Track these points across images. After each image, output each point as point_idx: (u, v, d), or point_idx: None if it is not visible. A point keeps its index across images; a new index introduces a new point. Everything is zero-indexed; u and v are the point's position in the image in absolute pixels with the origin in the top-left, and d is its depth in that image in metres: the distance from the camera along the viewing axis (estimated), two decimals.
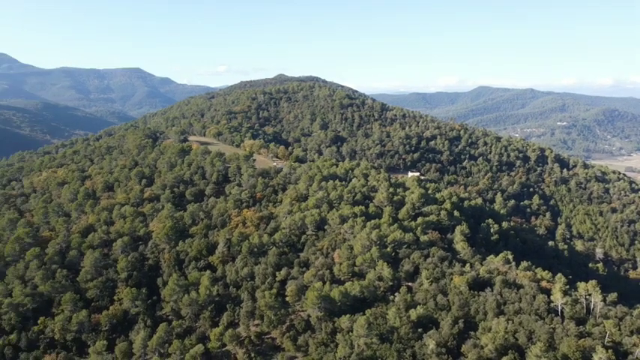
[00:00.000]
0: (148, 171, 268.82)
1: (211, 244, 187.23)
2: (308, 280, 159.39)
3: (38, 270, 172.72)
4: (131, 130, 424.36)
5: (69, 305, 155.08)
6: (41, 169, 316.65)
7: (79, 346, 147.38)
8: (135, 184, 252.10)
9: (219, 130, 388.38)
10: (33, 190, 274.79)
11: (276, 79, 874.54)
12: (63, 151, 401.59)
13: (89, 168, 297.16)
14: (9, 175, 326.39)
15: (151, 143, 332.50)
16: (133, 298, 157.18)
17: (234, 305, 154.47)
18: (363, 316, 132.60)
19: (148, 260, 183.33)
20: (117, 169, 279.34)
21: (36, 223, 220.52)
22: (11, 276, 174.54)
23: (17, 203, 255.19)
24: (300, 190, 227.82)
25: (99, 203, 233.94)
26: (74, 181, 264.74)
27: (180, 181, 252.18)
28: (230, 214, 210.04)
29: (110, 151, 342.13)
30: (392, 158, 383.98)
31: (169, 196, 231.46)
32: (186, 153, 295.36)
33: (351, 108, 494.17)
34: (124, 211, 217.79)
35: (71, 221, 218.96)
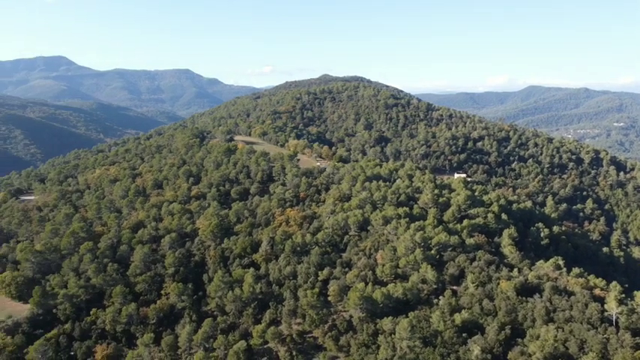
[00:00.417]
0: (195, 169, 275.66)
1: (255, 242, 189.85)
2: (350, 280, 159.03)
3: (91, 263, 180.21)
4: (180, 130, 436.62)
5: (119, 298, 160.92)
6: (95, 167, 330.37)
7: (128, 338, 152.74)
8: (183, 182, 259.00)
9: (264, 130, 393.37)
10: (87, 186, 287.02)
11: (321, 79, 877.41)
12: (115, 149, 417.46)
13: (140, 166, 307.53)
14: (65, 172, 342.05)
15: (198, 142, 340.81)
16: (179, 293, 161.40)
17: (277, 303, 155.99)
18: (406, 319, 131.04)
19: (194, 256, 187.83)
20: (166, 167, 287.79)
21: (89, 218, 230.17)
22: (66, 268, 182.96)
23: (73, 199, 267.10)
24: (343, 190, 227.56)
25: (148, 200, 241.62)
26: (125, 179, 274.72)
27: (226, 179, 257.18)
28: (274, 213, 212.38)
29: (160, 149, 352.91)
30: (437, 159, 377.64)
31: (215, 194, 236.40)
32: (232, 152, 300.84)
33: (395, 108, 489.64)
34: (172, 208, 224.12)
35: (122, 217, 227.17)
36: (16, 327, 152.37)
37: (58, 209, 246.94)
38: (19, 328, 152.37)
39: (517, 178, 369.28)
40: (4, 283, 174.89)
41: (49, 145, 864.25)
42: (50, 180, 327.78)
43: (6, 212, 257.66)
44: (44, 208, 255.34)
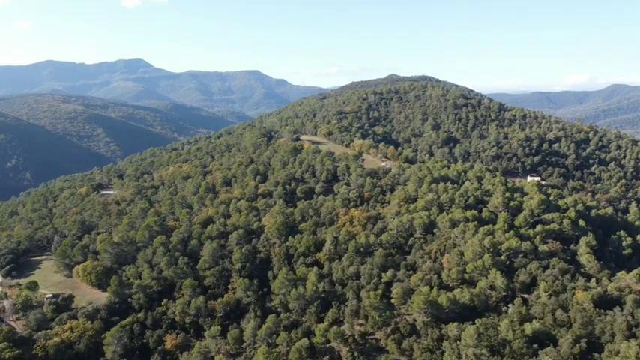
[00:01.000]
0: (262, 168, 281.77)
1: (319, 241, 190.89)
2: (414, 283, 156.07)
3: (163, 256, 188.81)
4: (248, 129, 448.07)
5: (189, 290, 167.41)
6: (169, 164, 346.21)
7: (196, 329, 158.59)
8: (250, 180, 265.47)
9: (330, 130, 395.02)
10: (161, 182, 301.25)
11: (388, 79, 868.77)
12: (188, 148, 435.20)
13: (210, 164, 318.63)
14: (142, 169, 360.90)
15: (265, 142, 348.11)
16: (245, 288, 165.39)
17: (340, 303, 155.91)
18: (473, 326, 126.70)
19: (260, 253, 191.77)
20: (234, 165, 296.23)
21: (163, 213, 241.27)
22: (141, 260, 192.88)
23: (148, 194, 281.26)
24: (409, 192, 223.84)
25: (218, 197, 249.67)
26: (197, 176, 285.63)
27: (292, 178, 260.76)
28: (338, 213, 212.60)
29: (229, 148, 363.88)
30: (509, 161, 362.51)
31: (281, 192, 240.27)
32: (298, 152, 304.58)
33: (465, 108, 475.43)
34: (239, 205, 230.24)
35: (193, 213, 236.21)
36: (95, 313, 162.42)
37: (135, 204, 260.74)
38: (98, 314, 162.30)
39: (597, 183, 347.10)
40: (86, 272, 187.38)
41: (128, 143, 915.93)
42: (128, 176, 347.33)
43: (88, 205, 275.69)
44: (122, 203, 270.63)
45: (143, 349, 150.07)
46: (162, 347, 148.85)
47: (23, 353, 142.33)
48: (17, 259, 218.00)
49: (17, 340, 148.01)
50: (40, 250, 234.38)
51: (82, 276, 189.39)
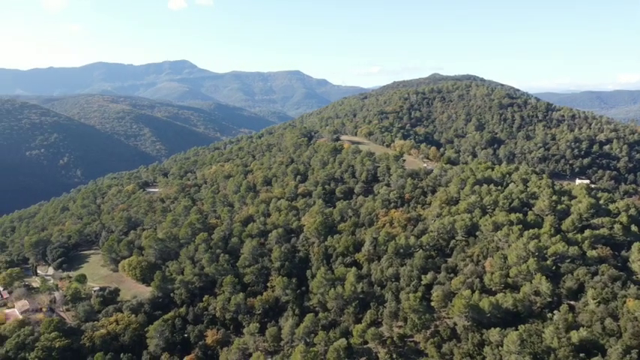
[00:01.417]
0: (302, 168, 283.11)
1: (358, 242, 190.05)
2: (455, 286, 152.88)
3: (205, 253, 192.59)
4: (289, 129, 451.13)
5: (229, 287, 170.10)
6: (211, 163, 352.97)
7: (235, 325, 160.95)
8: (290, 179, 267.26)
9: (370, 130, 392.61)
10: (204, 181, 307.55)
11: (430, 78, 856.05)
12: (230, 147, 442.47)
13: (251, 163, 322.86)
14: (185, 168, 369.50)
15: (306, 142, 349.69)
16: (284, 287, 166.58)
17: (378, 304, 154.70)
18: (516, 332, 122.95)
19: (299, 252, 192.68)
20: (275, 165, 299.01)
21: (205, 211, 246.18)
22: (183, 256, 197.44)
23: (191, 192, 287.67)
24: (451, 193, 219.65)
25: (258, 196, 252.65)
26: (238, 175, 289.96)
27: (332, 178, 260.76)
28: (377, 214, 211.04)
29: (270, 148, 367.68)
30: (557, 163, 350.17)
31: (321, 192, 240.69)
32: (338, 152, 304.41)
33: (511, 108, 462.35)
34: (279, 204, 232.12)
35: (234, 211, 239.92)
36: (139, 307, 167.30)
37: (178, 201, 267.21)
38: (142, 308, 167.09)
39: None
40: (131, 267, 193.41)
41: (173, 142, 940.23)
42: (172, 174, 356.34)
43: (134, 202, 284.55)
44: (166, 200, 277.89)
45: (184, 343, 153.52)
46: (202, 342, 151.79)
47: (72, 343, 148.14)
48: (67, 252, 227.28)
49: (66, 331, 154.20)
50: (89, 244, 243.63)
51: (127, 270, 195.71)
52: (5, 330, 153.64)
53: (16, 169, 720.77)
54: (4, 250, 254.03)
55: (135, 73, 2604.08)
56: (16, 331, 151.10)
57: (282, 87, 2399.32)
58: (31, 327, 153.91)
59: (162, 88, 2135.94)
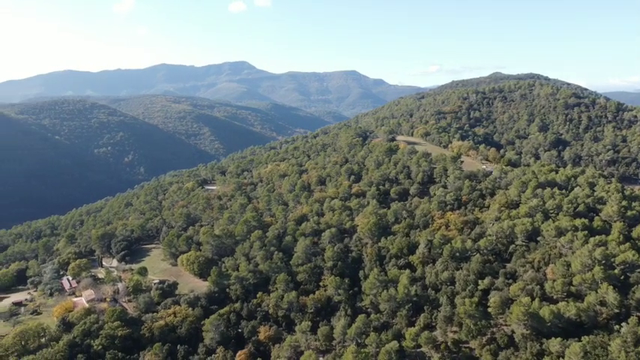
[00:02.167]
0: (356, 168, 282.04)
1: (412, 244, 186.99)
2: (514, 293, 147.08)
3: (260, 250, 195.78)
4: (344, 129, 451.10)
5: (282, 285, 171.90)
6: (267, 162, 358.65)
7: (287, 323, 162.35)
8: (344, 179, 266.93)
9: (427, 130, 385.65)
10: (260, 180, 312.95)
11: (491, 77, 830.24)
12: (285, 147, 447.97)
13: (306, 163, 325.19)
14: (242, 166, 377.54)
15: (360, 142, 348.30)
16: (336, 287, 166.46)
17: (432, 308, 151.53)
18: (578, 343, 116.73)
19: (352, 252, 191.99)
20: (329, 164, 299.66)
21: (260, 209, 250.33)
22: (239, 253, 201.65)
23: (247, 191, 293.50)
24: (511, 196, 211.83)
25: (312, 195, 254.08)
26: (293, 174, 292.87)
27: (386, 179, 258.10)
28: (433, 216, 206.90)
29: (324, 148, 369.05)
30: (627, 167, 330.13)
31: (375, 193, 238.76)
32: (393, 152, 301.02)
33: (577, 108, 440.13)
34: (333, 204, 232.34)
35: (288, 210, 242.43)
36: (196, 301, 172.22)
37: (235, 199, 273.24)
38: (199, 302, 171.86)
39: None
40: (189, 261, 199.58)
41: (230, 141, 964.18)
42: (229, 173, 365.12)
43: (193, 199, 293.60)
44: (223, 198, 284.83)
45: (238, 338, 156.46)
46: (255, 338, 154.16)
47: (132, 332, 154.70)
48: (130, 246, 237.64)
49: (128, 320, 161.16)
50: (150, 239, 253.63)
51: (185, 265, 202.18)
52: (73, 317, 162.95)
53: (85, 166, 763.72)
54: (74, 242, 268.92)
55: (196, 74, 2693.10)
56: (82, 319, 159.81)
57: (337, 87, 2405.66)
58: (96, 315, 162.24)
59: (222, 89, 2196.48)
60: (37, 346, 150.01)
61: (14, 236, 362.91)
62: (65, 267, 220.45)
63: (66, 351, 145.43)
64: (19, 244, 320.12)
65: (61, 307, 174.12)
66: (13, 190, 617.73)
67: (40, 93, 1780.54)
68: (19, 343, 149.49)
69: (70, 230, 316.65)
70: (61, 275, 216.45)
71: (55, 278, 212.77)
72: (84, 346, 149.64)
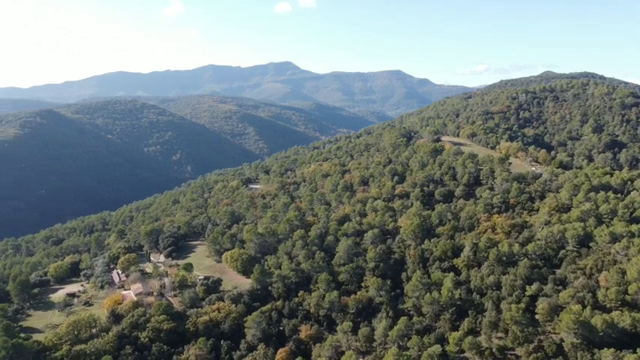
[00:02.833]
0: (400, 168, 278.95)
1: (457, 247, 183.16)
2: (564, 300, 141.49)
3: (302, 249, 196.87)
4: (388, 130, 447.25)
5: (324, 284, 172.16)
6: (310, 162, 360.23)
7: (329, 323, 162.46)
8: (387, 180, 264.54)
9: (474, 131, 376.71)
10: (303, 179, 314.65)
11: (542, 76, 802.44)
12: (328, 147, 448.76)
13: (349, 163, 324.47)
14: (286, 166, 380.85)
15: (405, 142, 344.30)
16: (378, 288, 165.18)
17: (477, 313, 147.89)
18: (634, 355, 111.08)
19: (394, 254, 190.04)
20: (372, 165, 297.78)
21: (303, 208, 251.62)
22: (281, 251, 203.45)
23: (290, 190, 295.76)
24: (562, 200, 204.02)
25: (355, 196, 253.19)
26: (336, 174, 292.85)
27: (431, 180, 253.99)
28: (479, 218, 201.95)
29: (368, 148, 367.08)
30: None
31: (419, 194, 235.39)
32: (438, 153, 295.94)
33: (635, 108, 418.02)
34: (376, 205, 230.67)
35: (331, 210, 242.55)
36: (239, 297, 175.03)
37: (278, 198, 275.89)
38: (242, 298, 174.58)
39: None
40: (233, 259, 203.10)
41: (274, 141, 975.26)
42: (273, 172, 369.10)
43: (237, 198, 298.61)
44: (267, 197, 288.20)
45: (279, 336, 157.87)
46: (296, 336, 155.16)
47: (177, 326, 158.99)
48: (177, 242, 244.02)
49: (173, 315, 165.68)
50: (196, 235, 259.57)
51: (229, 262, 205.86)
52: (122, 309, 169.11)
53: (135, 164, 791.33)
54: (124, 238, 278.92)
55: (242, 74, 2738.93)
56: (130, 312, 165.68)
57: (381, 87, 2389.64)
58: (143, 309, 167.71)
59: (267, 89, 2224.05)
60: (89, 336, 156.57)
61: (69, 230, 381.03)
62: (115, 261, 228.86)
63: (115, 342, 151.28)
64: (73, 238, 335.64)
65: (110, 299, 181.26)
66: (69, 186, 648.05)
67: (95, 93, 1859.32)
68: (72, 333, 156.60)
69: (120, 226, 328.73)
70: (111, 269, 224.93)
71: (106, 271, 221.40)
72: (132, 337, 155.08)
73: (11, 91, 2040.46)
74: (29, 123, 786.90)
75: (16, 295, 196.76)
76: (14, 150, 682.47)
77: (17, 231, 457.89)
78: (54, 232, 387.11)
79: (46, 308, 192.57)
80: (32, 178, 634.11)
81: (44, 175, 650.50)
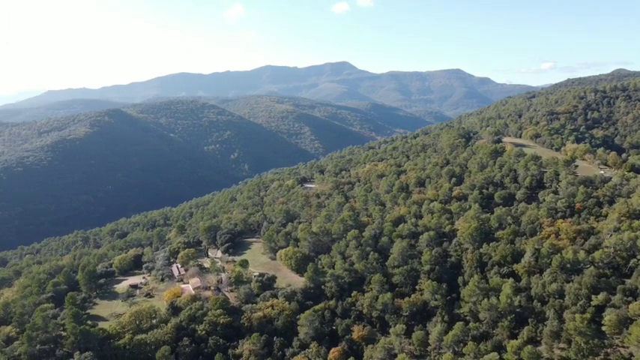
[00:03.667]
0: (458, 170, 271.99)
1: (517, 252, 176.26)
2: (634, 312, 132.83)
3: (355, 249, 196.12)
4: (445, 130, 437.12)
5: (377, 286, 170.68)
6: (365, 162, 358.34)
7: (381, 325, 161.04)
8: (445, 181, 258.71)
9: (537, 132, 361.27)
10: (357, 179, 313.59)
11: (613, 74, 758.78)
12: (384, 147, 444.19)
13: (405, 164, 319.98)
14: (340, 166, 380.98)
15: (463, 143, 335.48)
16: (433, 291, 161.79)
17: (537, 321, 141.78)
18: None
19: (451, 257, 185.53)
20: (429, 166, 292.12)
21: (357, 208, 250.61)
22: (335, 251, 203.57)
23: (345, 190, 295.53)
24: (634, 205, 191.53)
25: (410, 197, 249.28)
26: (391, 175, 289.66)
27: (490, 182, 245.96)
28: (541, 223, 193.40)
29: (425, 148, 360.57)
30: None
31: (477, 196, 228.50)
32: (499, 154, 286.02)
33: None
34: (432, 206, 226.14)
35: (385, 210, 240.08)
36: (292, 295, 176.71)
37: (332, 198, 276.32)
38: (295, 296, 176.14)
39: None
40: (287, 257, 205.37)
41: (329, 140, 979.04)
42: (328, 172, 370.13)
43: (293, 196, 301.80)
44: (321, 196, 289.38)
45: (332, 335, 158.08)
46: (349, 336, 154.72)
47: (233, 321, 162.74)
48: (233, 238, 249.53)
49: (229, 309, 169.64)
50: (252, 233, 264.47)
51: (283, 260, 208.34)
52: (181, 302, 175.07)
53: (196, 162, 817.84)
54: (183, 233, 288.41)
55: (298, 75, 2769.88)
56: (188, 305, 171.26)
57: (440, 86, 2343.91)
58: (201, 302, 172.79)
59: (323, 89, 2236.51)
60: (149, 327, 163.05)
61: (133, 224, 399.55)
62: (175, 255, 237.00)
63: (173, 333, 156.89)
64: (136, 232, 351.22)
65: (170, 292, 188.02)
66: (133, 182, 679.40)
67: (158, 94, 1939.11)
68: (134, 322, 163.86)
69: (180, 221, 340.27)
70: (171, 262, 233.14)
71: (166, 265, 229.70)
72: (189, 330, 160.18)
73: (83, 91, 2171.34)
74: (98, 122, 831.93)
75: (84, 284, 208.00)
76: (85, 147, 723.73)
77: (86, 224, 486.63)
78: (119, 226, 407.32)
79: (110, 298, 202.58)
80: (101, 174, 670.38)
81: (111, 172, 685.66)
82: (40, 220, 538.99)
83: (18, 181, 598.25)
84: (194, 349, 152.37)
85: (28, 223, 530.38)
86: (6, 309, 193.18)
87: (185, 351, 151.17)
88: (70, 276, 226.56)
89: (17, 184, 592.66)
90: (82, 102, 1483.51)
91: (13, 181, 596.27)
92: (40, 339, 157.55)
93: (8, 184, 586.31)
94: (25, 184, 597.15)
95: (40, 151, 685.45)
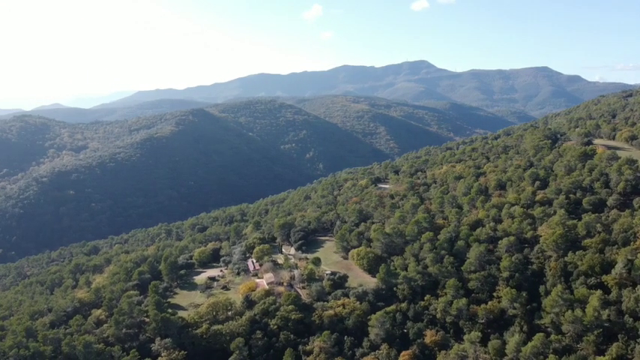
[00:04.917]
0: (542, 173, 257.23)
1: (607, 262, 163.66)
2: None
3: (430, 252, 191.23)
4: (530, 131, 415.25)
5: (452, 290, 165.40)
6: (442, 163, 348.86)
7: (455, 331, 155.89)
8: (527, 185, 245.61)
9: (634, 134, 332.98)
10: (434, 181, 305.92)
11: None
12: (463, 148, 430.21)
13: (484, 165, 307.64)
14: (416, 166, 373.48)
15: (549, 144, 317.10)
16: (512, 299, 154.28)
17: (628, 338, 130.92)
18: None
19: (532, 265, 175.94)
20: (511, 168, 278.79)
21: (433, 210, 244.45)
22: (408, 253, 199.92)
23: (420, 191, 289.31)
24: None
25: (489, 200, 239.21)
26: (469, 177, 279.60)
27: (578, 187, 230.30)
28: (636, 232, 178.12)
29: (506, 150, 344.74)
30: None
31: (563, 201, 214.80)
32: (589, 157, 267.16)
33: None
34: (513, 210, 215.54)
35: (462, 213, 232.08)
36: (364, 295, 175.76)
37: (407, 199, 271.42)
38: (366, 297, 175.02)
39: None
40: (359, 256, 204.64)
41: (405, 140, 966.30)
42: (403, 172, 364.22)
43: (366, 196, 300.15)
44: (395, 197, 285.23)
45: (403, 338, 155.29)
46: (421, 341, 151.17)
47: (304, 318, 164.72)
48: (307, 236, 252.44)
49: (301, 306, 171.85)
50: (324, 231, 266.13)
51: (355, 259, 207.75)
52: (255, 296, 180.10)
53: (272, 160, 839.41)
54: (259, 229, 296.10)
55: (375, 74, 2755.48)
56: (262, 299, 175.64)
57: (524, 85, 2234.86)
58: (274, 297, 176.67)
59: (400, 89, 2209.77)
60: (225, 318, 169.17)
61: (212, 219, 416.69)
62: (251, 250, 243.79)
63: (247, 326, 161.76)
64: (215, 227, 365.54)
65: (245, 285, 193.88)
66: (214, 179, 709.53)
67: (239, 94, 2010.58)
68: (211, 313, 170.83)
69: (256, 218, 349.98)
70: (247, 257, 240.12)
71: (242, 259, 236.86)
72: (262, 323, 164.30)
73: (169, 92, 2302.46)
74: (183, 121, 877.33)
75: (166, 274, 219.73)
76: (170, 145, 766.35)
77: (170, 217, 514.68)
78: (199, 220, 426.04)
79: (190, 289, 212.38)
80: (184, 171, 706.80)
81: (193, 168, 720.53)
82: (129, 213, 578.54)
83: (110, 176, 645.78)
84: (266, 343, 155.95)
85: (117, 214, 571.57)
86: (97, 294, 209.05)
87: (258, 344, 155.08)
88: (153, 266, 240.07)
89: (109, 178, 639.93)
90: (168, 102, 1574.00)
91: (106, 176, 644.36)
92: (125, 323, 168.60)
93: (102, 179, 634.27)
94: (117, 178, 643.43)
95: (130, 147, 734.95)
